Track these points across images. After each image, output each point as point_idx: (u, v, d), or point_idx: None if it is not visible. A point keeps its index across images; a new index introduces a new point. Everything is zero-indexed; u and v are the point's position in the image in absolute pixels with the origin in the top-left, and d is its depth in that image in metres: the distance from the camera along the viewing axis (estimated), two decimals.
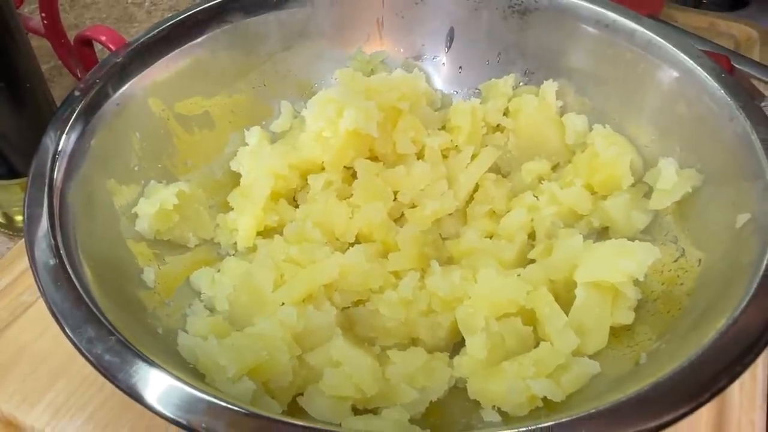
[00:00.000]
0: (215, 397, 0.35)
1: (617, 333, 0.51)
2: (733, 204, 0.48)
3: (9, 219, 0.71)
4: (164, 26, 0.62)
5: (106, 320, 0.38)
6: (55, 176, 0.48)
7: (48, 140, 0.51)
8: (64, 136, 0.52)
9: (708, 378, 0.36)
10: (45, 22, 0.83)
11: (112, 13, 1.04)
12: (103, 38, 0.81)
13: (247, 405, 0.40)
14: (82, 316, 0.38)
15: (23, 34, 0.63)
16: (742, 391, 0.53)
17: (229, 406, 0.35)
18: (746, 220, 0.46)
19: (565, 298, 0.53)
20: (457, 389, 0.51)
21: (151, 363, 0.37)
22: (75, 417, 0.52)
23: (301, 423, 0.34)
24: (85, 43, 0.83)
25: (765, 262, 0.41)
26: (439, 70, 0.71)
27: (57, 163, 0.50)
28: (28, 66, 0.64)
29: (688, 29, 0.89)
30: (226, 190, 0.64)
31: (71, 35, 0.85)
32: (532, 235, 0.60)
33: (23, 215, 0.45)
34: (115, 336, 0.37)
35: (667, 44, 0.58)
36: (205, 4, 0.64)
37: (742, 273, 0.42)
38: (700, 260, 0.50)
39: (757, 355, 0.36)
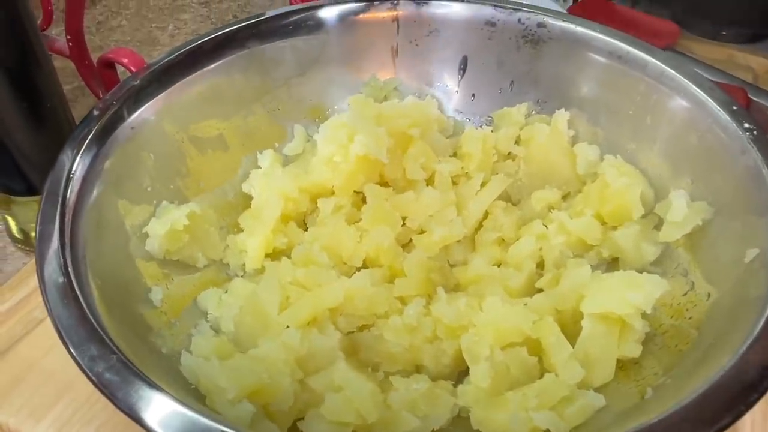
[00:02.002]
0: (214, 421, 0.35)
1: (624, 366, 0.51)
2: (742, 238, 0.48)
3: (26, 235, 0.72)
4: (183, 50, 0.63)
5: (109, 339, 0.39)
6: (68, 194, 0.49)
7: (64, 158, 0.52)
8: (79, 154, 0.53)
9: (711, 415, 0.36)
10: (70, 44, 0.85)
11: (136, 36, 1.07)
12: (125, 61, 0.82)
13: (245, 429, 0.41)
14: (85, 334, 0.39)
15: (47, 56, 0.65)
16: (753, 431, 0.52)
17: (227, 430, 0.35)
18: (755, 255, 0.45)
19: (571, 329, 0.53)
20: (461, 418, 0.51)
21: (152, 384, 0.37)
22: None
23: None
24: (108, 65, 0.85)
25: None
26: (452, 98, 0.72)
27: (71, 181, 0.50)
28: (50, 87, 0.66)
29: (705, 61, 0.89)
30: (238, 211, 0.64)
31: (96, 57, 0.87)
32: (540, 264, 0.60)
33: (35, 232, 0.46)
34: (117, 355, 0.38)
35: (680, 76, 0.58)
36: (223, 29, 0.65)
37: (750, 308, 0.41)
38: (709, 294, 0.49)
39: (762, 393, 0.35)
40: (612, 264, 0.59)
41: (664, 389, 0.43)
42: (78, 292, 0.41)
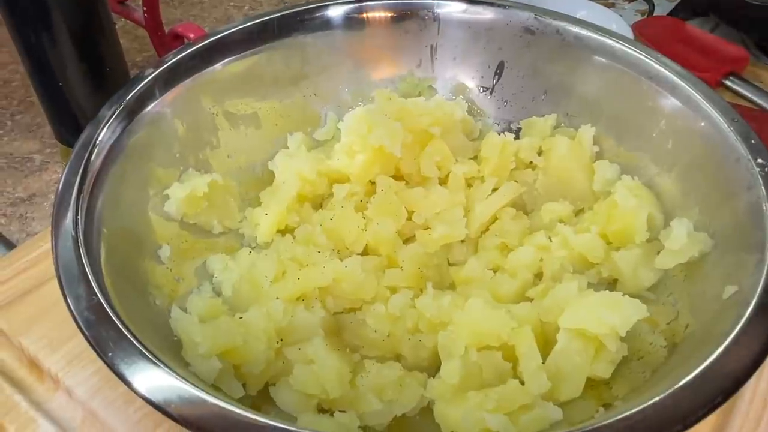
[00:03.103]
0: (159, 360, 0.39)
1: (595, 385, 0.51)
2: (727, 274, 0.47)
3: None
4: (232, 30, 0.67)
5: (96, 282, 0.43)
6: (98, 149, 0.54)
7: (104, 113, 0.57)
8: (117, 112, 0.57)
9: None
10: (146, 15, 0.92)
11: (213, 13, 1.13)
12: (191, 36, 0.89)
13: (208, 381, 0.45)
14: (77, 274, 0.43)
15: (111, 25, 0.72)
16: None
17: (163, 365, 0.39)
18: (733, 292, 0.44)
19: (554, 341, 0.53)
20: (430, 410, 0.52)
21: (125, 326, 0.42)
22: (86, 367, 0.58)
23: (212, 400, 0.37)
24: (177, 37, 0.92)
25: (730, 337, 0.39)
26: (484, 102, 0.73)
27: (104, 137, 0.55)
28: (111, 53, 0.72)
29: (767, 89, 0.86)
30: (263, 187, 0.68)
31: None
32: (540, 275, 0.60)
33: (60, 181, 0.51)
34: (98, 297, 0.42)
35: (705, 102, 0.57)
36: (270, 15, 0.69)
37: (711, 342, 0.41)
38: (687, 325, 0.48)
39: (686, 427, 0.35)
40: (612, 285, 0.59)
41: (613, 409, 0.43)
42: (81, 237, 0.46)
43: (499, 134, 0.67)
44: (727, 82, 0.88)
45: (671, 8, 1.11)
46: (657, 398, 0.37)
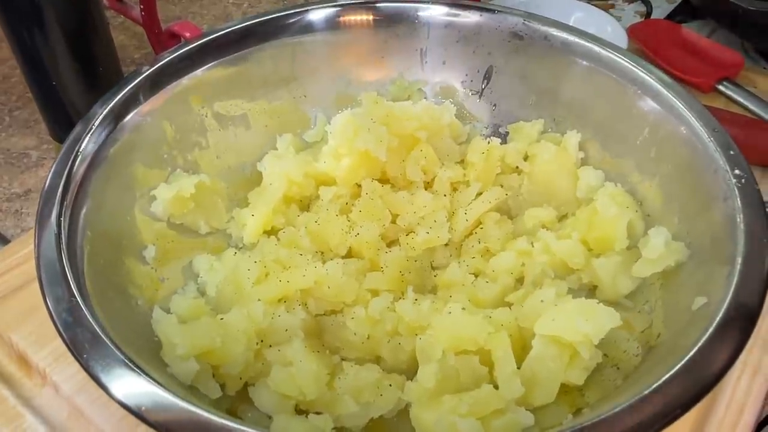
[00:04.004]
0: (133, 364, 0.40)
1: (568, 391, 0.51)
2: (699, 285, 0.47)
3: None
4: (222, 32, 0.68)
5: (75, 283, 0.44)
6: (84, 150, 0.55)
7: (95, 110, 0.58)
8: (106, 112, 0.58)
9: None
10: (143, 13, 0.93)
11: (212, 10, 1.14)
12: (187, 35, 0.89)
13: (186, 382, 0.46)
14: (57, 275, 0.44)
15: (105, 25, 0.73)
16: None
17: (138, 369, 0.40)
18: (702, 304, 0.45)
19: (531, 347, 0.53)
20: (407, 412, 0.53)
21: (102, 329, 0.42)
22: (72, 364, 0.58)
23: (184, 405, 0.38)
24: (173, 36, 0.92)
25: (691, 351, 0.40)
26: (474, 105, 0.73)
27: (92, 137, 0.56)
28: (104, 53, 0.73)
29: (760, 95, 0.86)
30: (252, 187, 0.68)
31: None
32: (521, 280, 0.61)
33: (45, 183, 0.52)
34: (76, 299, 0.43)
35: (687, 111, 0.57)
36: (262, 17, 0.70)
37: (675, 355, 0.41)
38: (659, 334, 0.49)
39: None
40: (592, 291, 0.59)
41: (580, 416, 0.44)
42: (64, 239, 0.47)
43: (486, 139, 0.67)
44: (721, 87, 0.88)
45: (670, 10, 1.11)
46: (617, 409, 0.38)
